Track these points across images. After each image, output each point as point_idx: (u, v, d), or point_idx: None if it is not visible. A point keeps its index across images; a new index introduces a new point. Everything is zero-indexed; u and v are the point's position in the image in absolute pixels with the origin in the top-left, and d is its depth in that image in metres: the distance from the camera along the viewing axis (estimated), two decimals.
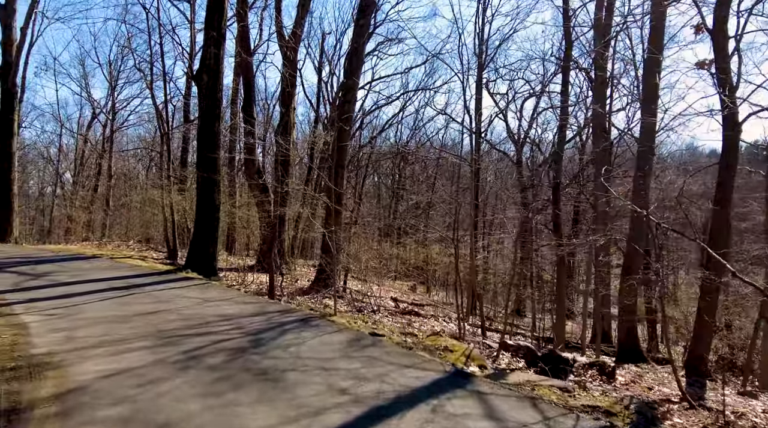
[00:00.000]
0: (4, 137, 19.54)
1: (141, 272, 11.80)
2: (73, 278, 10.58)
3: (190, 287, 10.19)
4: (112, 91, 32.93)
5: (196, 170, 12.65)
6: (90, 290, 9.37)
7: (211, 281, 11.32)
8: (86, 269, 11.83)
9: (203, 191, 12.41)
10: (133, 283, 10.32)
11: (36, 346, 5.65)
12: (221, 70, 12.75)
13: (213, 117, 12.54)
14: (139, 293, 9.26)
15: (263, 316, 7.59)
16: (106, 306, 7.96)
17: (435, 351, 6.14)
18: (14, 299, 8.29)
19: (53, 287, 9.61)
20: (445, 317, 16.24)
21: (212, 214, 12.44)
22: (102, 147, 33.66)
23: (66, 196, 32.85)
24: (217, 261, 12.70)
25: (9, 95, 19.50)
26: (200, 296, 9.20)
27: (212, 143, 12.45)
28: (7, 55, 19.44)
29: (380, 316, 13.14)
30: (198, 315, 7.47)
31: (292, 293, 13.80)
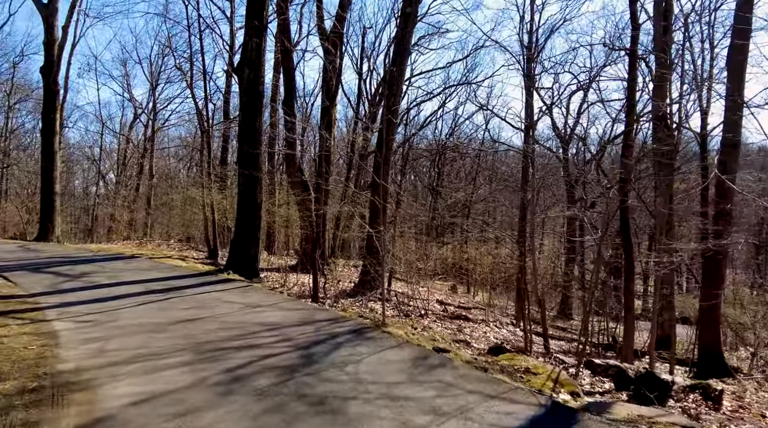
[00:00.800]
0: (47, 136, 19.56)
1: (180, 273, 11.28)
2: (111, 280, 10.12)
3: (231, 290, 9.55)
4: (152, 90, 33.16)
5: (237, 167, 12.04)
6: (127, 293, 8.84)
7: (252, 284, 10.68)
8: (125, 270, 11.38)
9: (245, 188, 11.80)
10: (172, 285, 9.76)
11: (64, 360, 5.02)
12: (263, 62, 12.11)
13: (254, 111, 11.92)
14: (177, 296, 8.67)
15: (311, 325, 6.82)
16: (142, 312, 7.35)
17: (515, 374, 5.22)
18: (48, 303, 7.80)
19: (89, 289, 9.12)
20: (496, 322, 15.21)
21: (254, 213, 11.82)
22: (143, 147, 33.94)
23: (109, 195, 33.25)
24: (259, 262, 12.07)
25: (51, 94, 19.49)
26: (242, 300, 8.52)
27: (254, 139, 11.82)
28: (49, 54, 19.43)
29: (428, 321, 12.32)
30: (240, 324, 6.76)
31: (336, 296, 13.07)
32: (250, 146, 11.71)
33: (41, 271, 10.93)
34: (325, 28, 18.00)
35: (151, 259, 13.70)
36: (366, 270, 13.10)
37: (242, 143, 11.95)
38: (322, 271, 11.72)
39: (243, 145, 11.90)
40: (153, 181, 31.53)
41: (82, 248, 15.64)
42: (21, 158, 32.51)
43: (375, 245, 13.67)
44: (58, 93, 19.81)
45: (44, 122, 19.71)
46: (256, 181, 11.82)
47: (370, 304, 12.71)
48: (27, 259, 12.66)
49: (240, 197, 11.92)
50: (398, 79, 13.81)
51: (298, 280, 14.62)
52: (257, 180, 11.85)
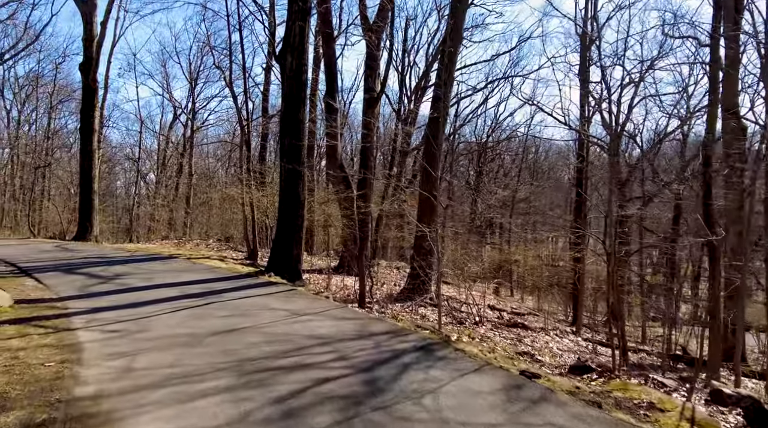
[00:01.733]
0: (86, 134, 19.29)
1: (219, 276, 10.50)
2: (146, 282, 9.41)
3: (273, 294, 8.68)
4: (191, 90, 33.07)
5: (279, 161, 11.20)
6: (162, 297, 8.07)
7: (295, 287, 9.80)
8: (161, 271, 10.69)
9: (287, 184, 10.94)
10: (210, 288, 8.96)
11: (83, 382, 4.18)
12: (306, 48, 11.24)
13: (297, 101, 11.05)
14: (216, 301, 7.83)
15: (369, 340, 5.83)
16: (177, 320, 6.52)
17: (636, 411, 4.09)
18: (76, 308, 7.08)
19: (122, 292, 8.40)
20: (555, 331, 13.94)
21: (296, 211, 10.96)
22: (183, 147, 33.88)
23: (149, 195, 33.30)
24: (302, 264, 11.21)
25: (90, 91, 19.22)
26: (286, 306, 7.62)
27: (297, 130, 10.96)
28: (88, 50, 19.16)
29: (485, 329, 11.24)
30: (287, 336, 5.83)
31: (382, 301, 12.10)
32: (293, 139, 10.85)
33: (74, 272, 10.34)
34: (368, 17, 17.10)
35: (189, 260, 13.04)
36: (416, 273, 12.08)
37: (284, 136, 11.11)
38: (369, 274, 10.77)
39: (285, 137, 11.05)
40: (192, 180, 31.37)
41: (119, 248, 15.17)
42: (63, 158, 32.86)
43: (425, 246, 12.66)
44: (96, 90, 19.53)
45: (83, 119, 19.45)
46: (298, 176, 10.95)
47: (420, 310, 11.69)
48: (62, 259, 12.17)
49: (282, 194, 11.07)
50: (451, 66, 12.73)
51: (341, 283, 13.73)
52: (300, 175, 10.98)
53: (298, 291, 9.24)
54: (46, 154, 30.07)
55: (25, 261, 11.52)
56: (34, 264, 11.19)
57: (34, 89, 31.84)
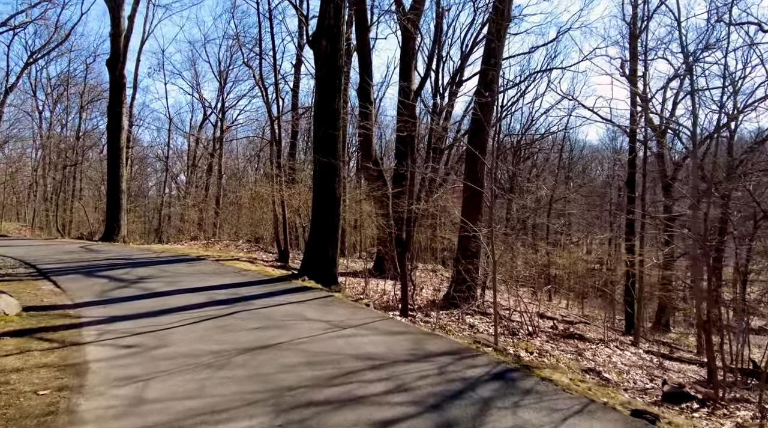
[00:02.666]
0: (113, 132, 18.77)
1: (249, 279, 9.62)
2: (170, 286, 8.57)
3: (308, 302, 7.72)
4: (221, 89, 32.64)
5: (312, 154, 10.26)
6: (185, 304, 7.20)
7: (331, 293, 8.83)
8: (187, 274, 9.88)
9: (321, 180, 10.00)
10: (238, 294, 8.07)
11: (80, 421, 3.28)
12: (342, 31, 10.28)
13: (332, 89, 10.10)
14: (245, 309, 6.91)
15: (428, 362, 4.79)
16: (200, 333, 5.61)
17: None
18: (90, 317, 6.25)
19: (143, 298, 7.57)
20: (615, 342, 12.63)
21: (332, 209, 10.00)
22: (212, 146, 33.51)
23: (180, 195, 32.99)
24: (337, 267, 10.24)
25: (117, 87, 18.70)
26: (324, 317, 6.64)
27: (332, 119, 10.00)
28: (115, 45, 18.65)
29: (540, 341, 10.08)
30: (330, 356, 4.85)
31: (425, 307, 11.07)
32: (328, 129, 9.90)
33: (95, 275, 9.61)
34: (403, 3, 16.13)
35: (218, 261, 12.24)
36: (461, 278, 10.98)
37: (318, 126, 10.16)
38: (411, 278, 9.75)
39: (319, 128, 10.11)
40: (222, 181, 30.90)
41: (145, 249, 14.52)
42: (94, 158, 32.82)
43: (471, 248, 11.56)
44: (123, 86, 19.01)
45: (110, 116, 18.95)
46: (334, 170, 9.99)
47: (468, 319, 10.61)
48: (84, 261, 11.51)
49: (316, 190, 10.13)
50: (499, 52, 11.60)
51: (378, 287, 12.77)
52: (336, 169, 10.02)
53: (336, 298, 8.26)
54: (77, 154, 29.97)
55: (46, 263, 10.88)
56: (54, 266, 10.52)
57: (65, 90, 31.90)
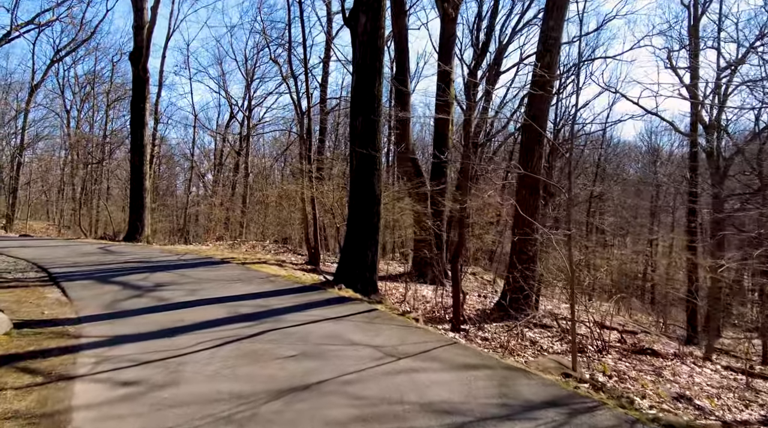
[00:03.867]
0: (136, 128, 17.95)
1: (278, 287, 8.49)
2: (189, 296, 7.50)
3: (349, 317, 6.53)
4: (248, 87, 31.88)
5: (350, 146, 9.06)
6: (205, 319, 6.09)
7: (373, 304, 7.62)
8: (209, 281, 8.80)
9: (360, 174, 8.79)
10: (267, 306, 6.93)
11: None
12: (383, 6, 9.05)
13: (372, 71, 8.88)
14: (275, 328, 5.75)
15: (531, 422, 3.51)
16: (221, 362, 4.46)
17: None
18: (92, 337, 5.18)
19: (157, 311, 6.49)
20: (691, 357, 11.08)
21: (371, 207, 8.79)
22: (239, 145, 32.81)
23: (206, 195, 32.37)
24: (377, 272, 9.02)
25: (140, 82, 17.86)
26: (372, 340, 5.43)
27: (371, 106, 8.79)
28: (138, 38, 17.81)
29: (612, 359, 8.75)
30: (388, 404, 3.62)
31: (474, 319, 9.77)
32: (368, 116, 8.69)
33: (109, 280, 8.61)
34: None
35: (243, 265, 11.17)
36: (518, 286, 9.62)
37: (356, 115, 8.95)
38: (459, 287, 8.44)
39: (357, 116, 8.90)
40: (249, 180, 30.13)
41: (168, 251, 13.59)
42: (122, 157, 32.40)
43: (528, 251, 10.22)
44: (147, 81, 18.17)
45: (133, 112, 18.13)
46: (373, 163, 8.79)
47: (527, 332, 9.28)
48: (101, 264, 10.57)
49: (353, 186, 8.93)
50: (557, 30, 10.21)
51: (418, 293, 11.55)
52: (376, 162, 8.81)
53: (380, 312, 7.03)
54: (102, 152, 29.54)
55: (59, 266, 9.97)
56: (67, 270, 9.59)
57: (92, 89, 31.57)
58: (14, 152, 26.03)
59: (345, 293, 8.01)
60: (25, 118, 26.16)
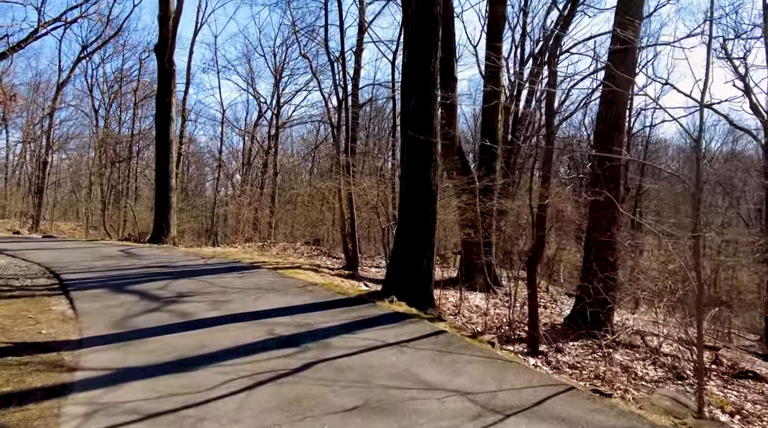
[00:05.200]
0: (162, 123, 16.99)
1: (318, 299, 7.22)
2: (214, 309, 6.28)
3: (413, 343, 5.19)
4: (276, 85, 30.93)
5: (401, 130, 7.70)
6: (234, 344, 4.84)
7: (433, 321, 6.28)
8: (238, 291, 7.59)
9: (414, 166, 7.46)
10: (308, 325, 5.65)
11: None
12: None
13: (428, 45, 7.53)
14: (322, 360, 4.46)
15: None
16: (254, 421, 3.18)
17: None
18: (89, 372, 3.99)
19: (175, 331, 5.28)
20: None
21: (427, 205, 7.45)
22: (268, 143, 31.90)
23: (234, 195, 31.58)
24: (433, 281, 7.65)
25: (166, 74, 16.91)
26: (452, 380, 4.10)
27: (426, 85, 7.45)
28: (164, 29, 16.87)
29: (714, 386, 7.28)
30: None
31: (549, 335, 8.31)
32: (422, 97, 7.36)
33: (124, 289, 7.48)
34: None
35: (275, 270, 9.96)
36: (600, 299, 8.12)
37: (409, 95, 7.60)
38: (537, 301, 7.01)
39: (410, 97, 7.56)
40: (277, 179, 29.15)
41: (193, 253, 12.52)
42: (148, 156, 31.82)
43: (608, 257, 8.72)
44: (173, 74, 17.22)
45: (158, 107, 17.20)
46: (429, 152, 7.44)
47: (615, 355, 7.78)
48: (119, 269, 9.49)
49: (406, 179, 7.59)
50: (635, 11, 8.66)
51: (470, 302, 10.20)
52: (431, 151, 7.46)
53: (449, 336, 5.66)
54: (130, 151, 28.94)
55: (73, 271, 8.92)
56: (81, 276, 8.53)
57: (119, 87, 31.08)
58: (39, 152, 25.56)
59: (398, 308, 6.68)
60: (51, 117, 25.65)
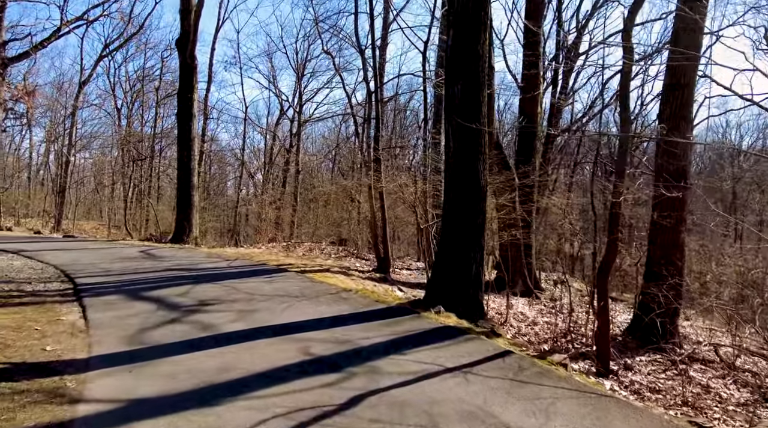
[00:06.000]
0: (184, 119, 16.43)
1: (355, 308, 6.45)
2: (240, 321, 5.56)
3: (476, 367, 4.38)
4: (298, 81, 30.31)
5: (445, 119, 6.86)
6: (264, 368, 4.08)
7: (489, 336, 5.46)
8: (266, 298, 6.87)
9: (460, 157, 6.63)
10: (348, 341, 4.89)
11: None
12: None
13: (477, 24, 6.69)
14: (373, 392, 3.68)
15: None
16: None
17: None
18: (92, 404, 3.28)
19: (196, 348, 4.56)
20: None
21: (476, 202, 6.62)
22: (290, 142, 31.36)
23: (256, 193, 31.12)
24: (483, 287, 6.81)
25: (188, 69, 16.35)
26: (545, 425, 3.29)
27: (475, 67, 6.62)
28: (185, 23, 16.31)
29: None
30: None
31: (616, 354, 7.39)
32: (470, 81, 6.53)
33: (141, 295, 6.82)
34: None
35: (304, 274, 9.24)
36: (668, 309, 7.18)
37: (454, 79, 6.77)
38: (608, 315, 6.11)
39: (455, 82, 6.73)
40: (299, 177, 28.55)
41: (215, 255, 11.89)
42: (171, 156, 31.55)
43: (677, 260, 7.78)
44: (195, 69, 16.65)
45: (180, 103, 16.65)
46: (477, 143, 6.61)
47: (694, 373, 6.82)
48: (137, 271, 8.86)
49: (452, 173, 6.76)
50: None
51: (515, 309, 9.33)
52: (480, 142, 6.63)
53: (518, 357, 4.83)
54: (152, 150, 28.64)
55: (89, 274, 8.32)
56: (97, 279, 7.92)
57: (142, 86, 30.84)
58: (61, 151, 25.37)
59: (447, 320, 5.86)
60: (73, 116, 25.42)
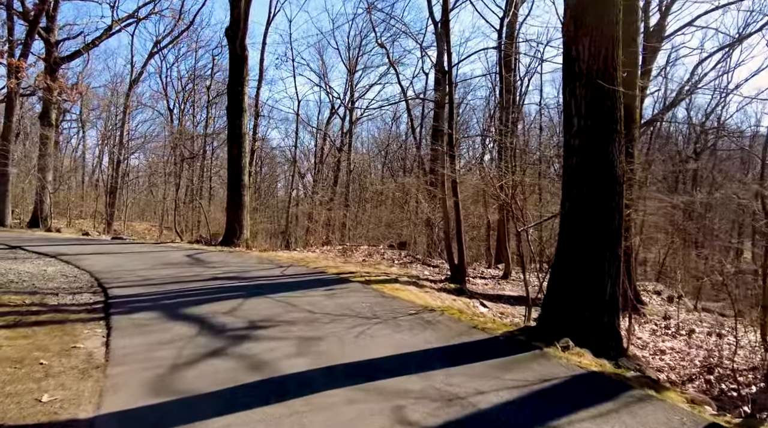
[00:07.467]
0: (234, 114, 15.39)
1: (446, 338, 4.92)
2: (302, 356, 4.13)
3: None
4: (350, 76, 29.19)
5: (564, 90, 5.18)
6: None
7: (648, 384, 3.81)
8: (331, 318, 5.45)
9: (588, 142, 4.99)
10: (457, 401, 3.37)
11: None
12: None
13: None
14: None
15: None
16: None
17: None
18: None
19: (243, 405, 3.15)
20: None
21: (610, 198, 4.97)
22: (341, 141, 30.31)
23: (307, 193, 30.26)
24: (620, 312, 5.13)
25: (238, 61, 15.28)
26: None
27: (609, 16, 4.97)
28: (235, 11, 15.28)
29: None
30: None
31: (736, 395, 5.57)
32: (603, 35, 4.90)
33: (181, 313, 5.53)
34: None
35: (369, 284, 7.80)
36: None
37: (581, 35, 5.14)
38: None
39: (581, 38, 5.09)
40: (351, 177, 27.38)
41: (267, 259, 10.66)
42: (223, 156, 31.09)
43: None
44: (245, 60, 15.57)
45: (230, 96, 15.65)
46: (612, 118, 4.97)
47: None
48: (181, 280, 7.65)
49: (579, 159, 5.12)
50: None
51: (633, 332, 7.55)
52: (615, 116, 4.98)
53: None
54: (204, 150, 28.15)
55: (126, 283, 7.19)
56: (133, 291, 6.75)
57: (193, 86, 30.59)
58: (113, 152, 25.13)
59: (583, 360, 4.23)
60: (124, 114, 25.15)
